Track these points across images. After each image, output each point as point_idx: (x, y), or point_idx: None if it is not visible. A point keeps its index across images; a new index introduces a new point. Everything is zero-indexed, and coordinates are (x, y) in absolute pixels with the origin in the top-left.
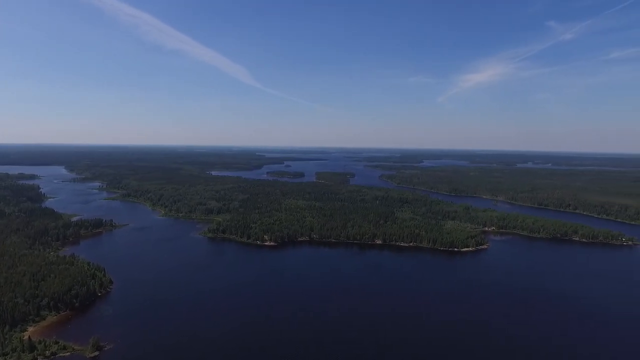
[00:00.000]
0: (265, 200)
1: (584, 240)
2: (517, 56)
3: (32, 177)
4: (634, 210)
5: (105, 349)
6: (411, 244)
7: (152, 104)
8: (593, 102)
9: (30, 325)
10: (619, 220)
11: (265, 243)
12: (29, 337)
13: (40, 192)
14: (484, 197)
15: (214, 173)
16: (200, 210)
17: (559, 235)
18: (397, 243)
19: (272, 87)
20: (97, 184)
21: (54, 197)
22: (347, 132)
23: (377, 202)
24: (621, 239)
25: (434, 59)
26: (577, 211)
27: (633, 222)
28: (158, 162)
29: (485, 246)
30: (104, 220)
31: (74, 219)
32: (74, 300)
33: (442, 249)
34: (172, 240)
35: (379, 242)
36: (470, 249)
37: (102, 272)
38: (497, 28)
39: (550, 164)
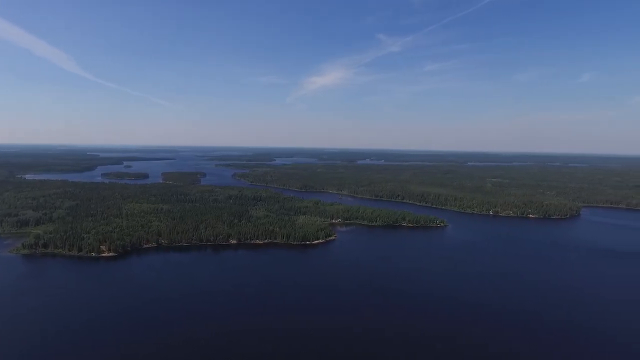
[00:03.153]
0: (101, 205)
1: (410, 225)
2: (355, 63)
3: None
4: (444, 197)
5: None
6: (266, 240)
7: None
8: (415, 106)
9: None
10: (434, 206)
11: (103, 254)
12: None
13: None
14: (331, 191)
15: (28, 177)
16: (9, 222)
17: (391, 223)
18: (253, 241)
19: (107, 79)
20: None
21: None
22: (197, 130)
23: (231, 201)
24: (436, 222)
25: (283, 60)
26: (404, 200)
27: (444, 207)
28: None
29: (333, 237)
30: None
31: None
32: None
33: (295, 243)
34: None
35: (234, 241)
36: (321, 241)
37: None
38: (338, 36)
39: (383, 160)
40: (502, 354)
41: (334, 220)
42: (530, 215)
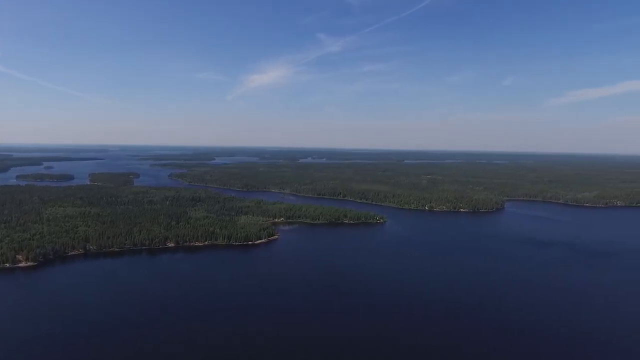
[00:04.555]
0: (16, 210)
1: (352, 222)
2: (296, 61)
3: None
4: (384, 194)
5: None
6: (206, 242)
7: None
8: (355, 106)
9: None
10: (374, 203)
11: (20, 264)
12: None
13: None
14: (273, 190)
15: None
16: None
17: (334, 220)
18: (192, 243)
19: (21, 71)
20: None
21: None
22: (130, 128)
23: (168, 202)
24: (376, 218)
25: (222, 57)
26: (346, 198)
27: (383, 204)
28: None
29: (276, 237)
30: None
31: None
32: None
33: (237, 244)
34: None
35: (171, 244)
36: (264, 240)
37: None
38: (278, 34)
39: (325, 159)
40: (475, 353)
41: (276, 220)
42: (462, 210)
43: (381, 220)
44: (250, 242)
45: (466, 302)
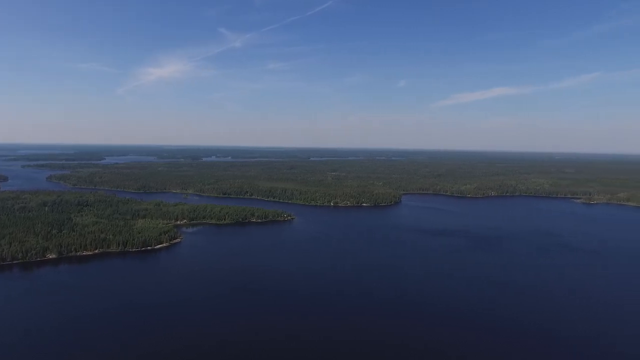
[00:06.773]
0: None
1: (259, 220)
2: (196, 56)
3: None
4: (290, 192)
5: None
6: (97, 250)
7: None
8: (259, 104)
9: None
10: (281, 201)
11: None
12: None
13: None
14: (175, 191)
15: None
16: None
17: (240, 220)
18: (79, 253)
19: None
20: None
21: None
22: None
23: (47, 208)
24: (284, 215)
25: (110, 46)
26: (253, 197)
27: (290, 201)
28: None
29: (179, 240)
30: None
31: None
32: None
33: (134, 250)
34: None
35: (53, 255)
36: (165, 244)
37: None
38: (176, 25)
39: (230, 157)
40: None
41: (179, 222)
42: (364, 204)
43: (289, 218)
44: (149, 247)
45: (391, 297)
